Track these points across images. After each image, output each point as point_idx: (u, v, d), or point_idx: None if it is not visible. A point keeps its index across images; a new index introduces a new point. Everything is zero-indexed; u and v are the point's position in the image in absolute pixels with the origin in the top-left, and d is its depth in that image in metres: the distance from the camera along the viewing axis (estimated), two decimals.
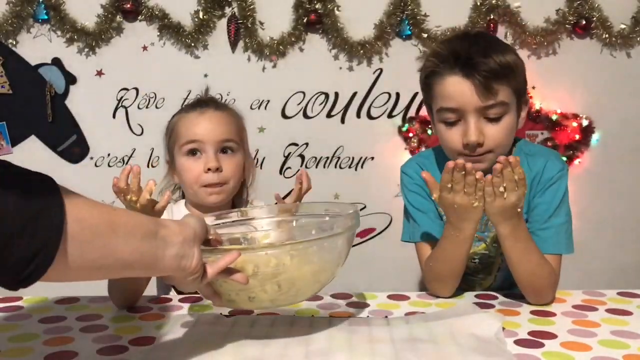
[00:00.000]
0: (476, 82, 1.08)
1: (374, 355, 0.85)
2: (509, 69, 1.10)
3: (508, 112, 1.12)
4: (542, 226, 1.16)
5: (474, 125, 1.11)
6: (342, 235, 0.89)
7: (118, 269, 0.71)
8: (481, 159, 1.13)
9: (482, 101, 1.09)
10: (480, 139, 1.11)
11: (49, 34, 2.34)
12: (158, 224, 0.74)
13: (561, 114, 2.43)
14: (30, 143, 2.38)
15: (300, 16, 2.34)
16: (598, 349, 0.89)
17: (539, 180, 1.18)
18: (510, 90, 1.11)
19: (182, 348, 0.88)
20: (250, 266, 0.84)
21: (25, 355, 0.88)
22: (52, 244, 0.60)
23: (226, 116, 1.30)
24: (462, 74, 1.10)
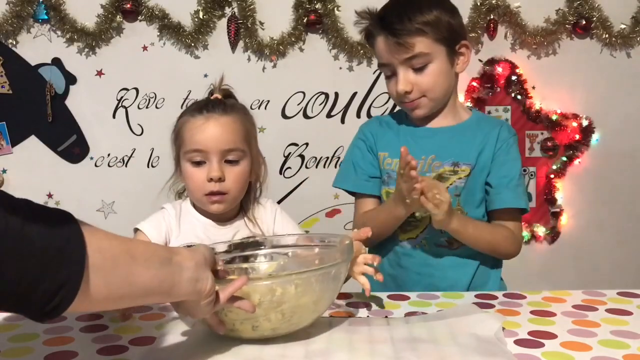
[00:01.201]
0: (392, 40, 1.24)
1: (374, 355, 0.85)
2: (423, 24, 1.23)
3: (432, 61, 1.26)
4: (515, 182, 1.30)
5: (401, 76, 1.27)
6: (342, 264, 0.93)
7: (139, 297, 0.73)
8: (416, 105, 1.29)
9: (401, 55, 1.25)
10: (408, 88, 1.27)
11: (49, 34, 2.34)
12: (171, 251, 0.77)
13: (561, 114, 2.43)
14: (30, 143, 2.38)
15: (300, 16, 2.34)
16: (598, 349, 0.89)
17: (497, 139, 1.31)
18: (430, 42, 1.24)
19: (182, 348, 0.88)
20: (257, 296, 0.87)
21: (25, 355, 0.88)
22: (75, 276, 0.62)
23: (232, 122, 1.27)
24: (383, 34, 1.27)
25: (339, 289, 0.97)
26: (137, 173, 2.41)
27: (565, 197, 2.49)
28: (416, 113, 1.31)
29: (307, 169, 2.46)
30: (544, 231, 2.49)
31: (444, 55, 1.27)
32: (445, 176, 1.29)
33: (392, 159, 1.33)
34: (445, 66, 1.28)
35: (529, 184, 2.48)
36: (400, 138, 1.35)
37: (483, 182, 1.31)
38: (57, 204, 2.37)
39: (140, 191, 2.21)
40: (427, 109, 1.30)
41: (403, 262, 1.34)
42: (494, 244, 1.28)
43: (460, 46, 1.29)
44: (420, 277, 1.31)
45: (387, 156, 1.35)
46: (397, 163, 1.28)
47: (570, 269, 2.50)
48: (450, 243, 1.31)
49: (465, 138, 1.31)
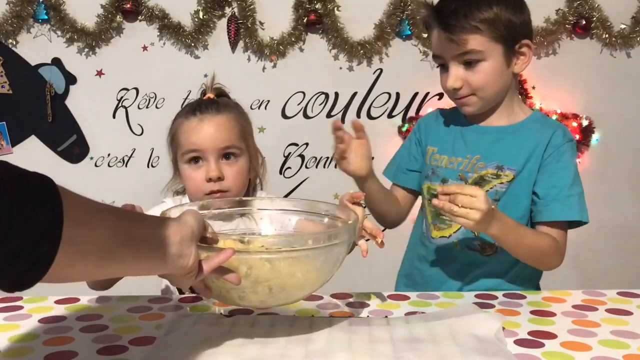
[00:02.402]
0: (445, 35, 1.22)
1: (374, 355, 0.85)
2: (480, 22, 1.20)
3: (485, 59, 1.22)
4: (565, 193, 1.24)
5: (452, 72, 1.24)
6: (339, 245, 0.89)
7: (119, 270, 0.71)
8: (465, 102, 1.26)
9: (454, 50, 1.22)
10: (457, 84, 1.24)
11: (49, 34, 2.34)
12: (158, 224, 0.75)
13: (561, 114, 2.43)
14: (30, 143, 2.38)
15: (300, 16, 2.34)
16: (598, 349, 0.89)
17: (547, 144, 1.24)
18: (485, 40, 1.21)
19: (182, 348, 0.88)
20: (244, 268, 0.84)
21: (25, 355, 0.88)
22: (50, 249, 0.59)
23: (227, 120, 1.27)
24: (438, 27, 1.24)
25: (336, 269, 0.93)
26: (137, 173, 2.41)
27: None
28: (465, 110, 1.28)
29: (307, 169, 2.46)
30: None
31: (499, 54, 1.22)
32: (487, 179, 1.26)
33: (441, 155, 1.32)
34: (500, 65, 1.23)
35: None
36: (450, 135, 1.34)
37: (529, 190, 1.25)
38: None
39: (140, 191, 2.21)
40: (477, 107, 1.27)
41: (433, 259, 1.33)
42: (537, 253, 1.21)
43: (521, 45, 1.24)
44: (447, 277, 1.30)
45: (435, 152, 1.34)
46: (445, 160, 1.31)
47: (570, 269, 2.50)
48: (483, 248, 1.28)
49: (515, 141, 1.26)
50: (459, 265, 1.30)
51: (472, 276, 1.29)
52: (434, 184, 1.31)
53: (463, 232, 1.28)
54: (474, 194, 1.07)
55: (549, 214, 1.23)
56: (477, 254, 1.28)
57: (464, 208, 1.07)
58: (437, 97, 2.42)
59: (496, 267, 1.28)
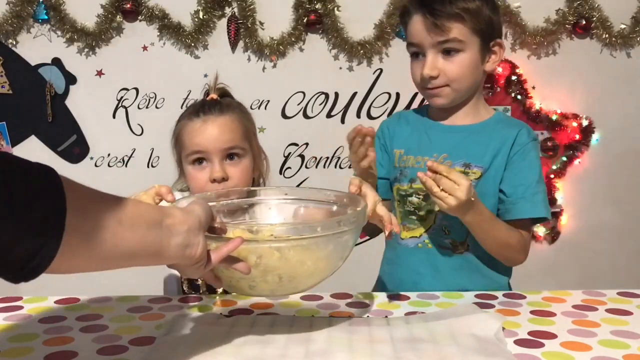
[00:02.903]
0: (430, 21, 1.22)
1: (374, 355, 0.85)
2: (464, 11, 1.21)
3: (464, 50, 1.23)
4: (532, 191, 1.24)
5: (429, 60, 1.23)
6: (348, 232, 0.88)
7: (124, 260, 0.70)
8: (438, 93, 1.26)
9: (435, 37, 1.22)
10: (434, 72, 1.23)
11: (49, 34, 2.34)
12: (163, 213, 0.74)
13: (561, 114, 2.43)
14: (30, 143, 2.38)
15: (300, 16, 2.34)
16: (598, 349, 0.89)
17: (513, 143, 1.26)
18: (467, 30, 1.22)
19: (182, 348, 0.88)
20: (254, 257, 0.84)
21: (25, 355, 0.88)
22: (55, 238, 0.59)
23: (230, 121, 1.27)
24: (421, 13, 1.23)
25: (347, 256, 0.93)
26: (137, 173, 2.41)
27: (565, 197, 2.49)
28: (436, 101, 1.28)
29: (307, 169, 2.46)
30: (544, 231, 2.49)
31: (477, 47, 1.24)
32: None
33: (408, 156, 1.32)
34: (475, 59, 1.24)
35: None
36: (415, 135, 1.33)
37: (495, 187, 1.26)
38: None
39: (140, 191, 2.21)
40: (449, 99, 1.26)
41: (403, 261, 1.33)
42: (505, 247, 1.24)
43: (495, 44, 1.26)
44: (420, 277, 1.30)
45: (402, 153, 1.33)
46: (412, 160, 1.31)
47: (570, 269, 2.50)
48: (454, 247, 1.28)
49: (480, 139, 1.27)
50: (430, 265, 1.29)
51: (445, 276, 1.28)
52: (403, 185, 1.31)
53: (434, 231, 1.28)
54: (458, 182, 1.11)
55: (517, 212, 1.24)
56: (449, 251, 1.28)
57: (444, 192, 1.12)
58: None
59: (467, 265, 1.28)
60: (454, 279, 1.27)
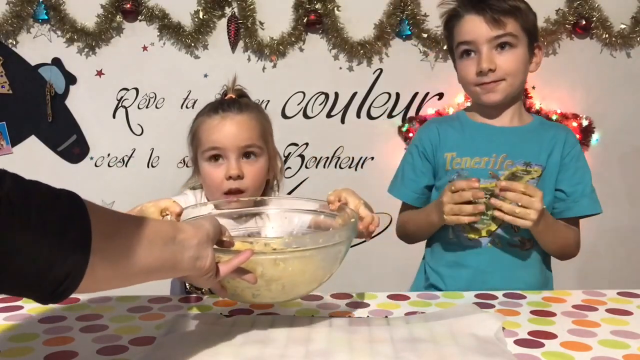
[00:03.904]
0: (487, 16, 1.26)
1: (374, 355, 0.85)
2: (516, 9, 1.27)
3: (517, 46, 1.28)
4: (590, 189, 1.33)
5: (486, 54, 1.27)
6: (344, 242, 0.95)
7: (143, 276, 0.75)
8: (494, 88, 1.28)
9: (493, 31, 1.26)
10: (492, 65, 1.26)
11: (49, 34, 2.34)
12: (176, 229, 0.78)
13: (561, 114, 2.43)
14: (30, 143, 2.38)
15: (300, 16, 2.34)
16: (598, 349, 0.89)
17: (564, 144, 1.32)
18: (518, 27, 1.27)
19: (182, 348, 0.88)
20: (259, 268, 0.88)
21: (25, 355, 0.88)
22: (82, 262, 0.63)
23: (248, 120, 1.27)
24: (475, 12, 1.27)
25: (338, 265, 0.98)
26: (137, 173, 2.41)
27: None
28: (490, 97, 1.29)
29: (307, 169, 2.46)
30: None
31: (525, 45, 1.29)
32: (518, 175, 1.29)
33: (463, 158, 1.32)
34: (525, 57, 1.29)
35: None
36: (466, 136, 1.34)
37: (552, 185, 1.31)
38: None
39: (140, 191, 2.21)
40: (504, 94, 1.29)
41: (470, 262, 1.32)
42: (565, 246, 1.31)
43: (536, 46, 1.32)
44: (489, 276, 1.29)
45: (454, 156, 1.33)
46: (469, 161, 1.31)
47: (570, 269, 2.49)
48: (522, 243, 1.30)
49: (533, 139, 1.31)
50: (499, 263, 1.30)
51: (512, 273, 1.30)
52: None
53: (503, 230, 1.29)
54: (533, 193, 1.15)
55: (579, 210, 1.31)
56: (517, 249, 1.31)
57: (523, 208, 1.15)
58: (436, 97, 2.42)
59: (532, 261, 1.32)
60: (520, 275, 1.30)
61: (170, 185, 1.44)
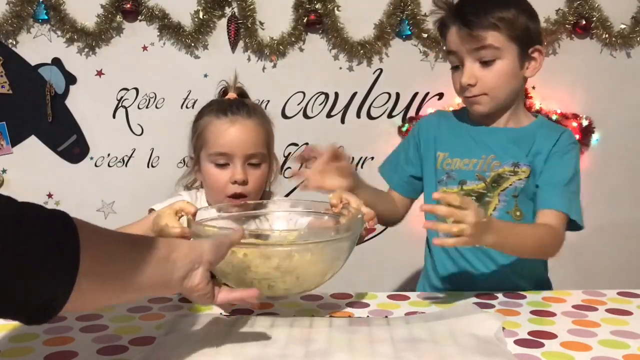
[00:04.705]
0: (465, 31, 1.24)
1: (374, 355, 0.85)
2: (499, 20, 1.23)
3: (501, 58, 1.24)
4: (563, 186, 1.25)
5: (467, 68, 1.26)
6: (352, 237, 1.01)
7: (133, 295, 0.76)
8: (477, 101, 1.28)
9: (472, 44, 1.24)
10: (472, 81, 1.25)
11: (49, 34, 2.34)
12: (170, 248, 0.78)
13: (561, 114, 2.43)
14: (30, 143, 2.38)
15: (300, 16, 2.34)
16: (598, 349, 0.89)
17: (554, 144, 1.28)
18: (503, 38, 1.23)
19: (182, 348, 0.88)
20: (275, 260, 0.93)
21: (25, 355, 0.88)
22: (66, 288, 0.63)
23: (256, 125, 1.30)
24: (457, 24, 1.26)
25: (346, 259, 1.03)
26: (137, 173, 2.41)
27: None
28: (476, 109, 1.30)
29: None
30: None
31: (514, 54, 1.25)
32: (505, 176, 1.28)
33: (453, 159, 1.33)
34: (513, 66, 1.26)
35: None
36: (459, 137, 1.35)
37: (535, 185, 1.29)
38: (57, 204, 2.37)
39: (140, 191, 2.21)
40: (488, 107, 1.28)
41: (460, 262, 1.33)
42: (538, 247, 1.20)
43: (534, 50, 1.27)
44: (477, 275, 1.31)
45: (447, 156, 1.34)
46: (459, 162, 1.32)
47: (570, 269, 2.49)
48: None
49: (525, 140, 1.30)
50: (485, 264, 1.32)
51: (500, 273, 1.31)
52: (452, 187, 1.32)
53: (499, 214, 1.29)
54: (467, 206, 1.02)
55: (542, 203, 1.24)
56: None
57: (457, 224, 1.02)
58: (437, 97, 2.42)
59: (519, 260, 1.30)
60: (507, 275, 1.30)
61: (170, 185, 1.44)
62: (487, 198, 1.30)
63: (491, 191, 1.30)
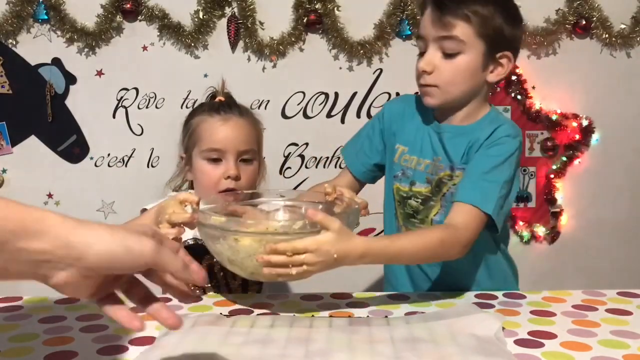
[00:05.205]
0: (437, 15, 1.18)
1: (374, 355, 0.85)
2: (473, 13, 1.17)
3: (465, 52, 1.19)
4: (474, 178, 1.18)
5: (428, 55, 1.22)
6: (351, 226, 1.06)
7: None
8: (428, 92, 1.24)
9: (438, 31, 1.19)
10: (428, 68, 1.21)
11: (49, 34, 2.34)
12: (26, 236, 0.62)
13: (561, 114, 2.43)
14: (30, 143, 2.38)
15: (300, 16, 2.34)
16: (598, 349, 0.89)
17: (487, 138, 1.22)
18: (471, 32, 1.18)
19: (182, 348, 0.88)
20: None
21: (25, 355, 0.88)
22: None
23: (248, 124, 1.34)
24: (431, 8, 1.21)
25: None
26: (137, 173, 2.41)
27: (565, 197, 2.49)
28: (426, 100, 1.25)
29: (307, 169, 2.46)
30: (544, 231, 2.48)
31: (479, 52, 1.19)
32: (444, 181, 1.27)
33: (411, 156, 1.31)
34: (475, 64, 1.20)
35: (528, 184, 2.48)
36: (419, 133, 1.32)
37: None
38: (57, 204, 2.37)
39: (140, 191, 2.21)
40: (438, 100, 1.24)
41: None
42: (427, 256, 1.15)
43: (502, 55, 1.22)
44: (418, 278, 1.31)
45: (406, 151, 1.32)
46: (415, 161, 1.30)
47: (570, 269, 2.50)
48: None
49: (463, 141, 1.25)
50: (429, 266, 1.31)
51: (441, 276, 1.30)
52: (404, 186, 1.32)
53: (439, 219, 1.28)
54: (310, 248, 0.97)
55: (455, 194, 1.19)
56: None
57: (300, 267, 0.98)
58: None
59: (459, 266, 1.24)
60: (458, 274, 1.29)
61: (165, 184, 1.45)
62: (432, 202, 1.29)
63: (435, 195, 1.28)
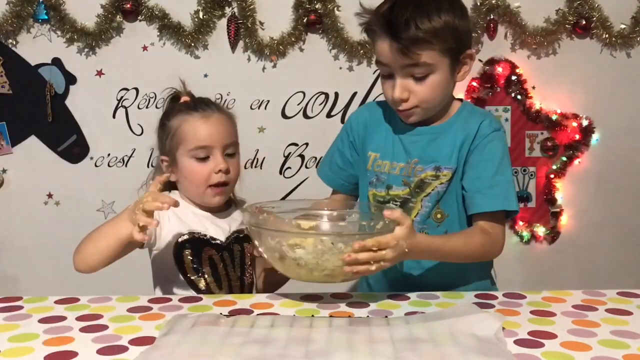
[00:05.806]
0: (396, 46, 1.17)
1: (374, 355, 0.85)
2: (431, 34, 1.16)
3: (434, 72, 1.20)
4: (488, 184, 1.23)
5: (399, 83, 1.21)
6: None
7: None
8: (410, 114, 1.25)
9: (404, 61, 1.18)
10: (404, 96, 1.22)
11: (49, 34, 2.34)
12: None
13: (561, 114, 2.43)
14: (30, 143, 2.38)
15: (300, 16, 2.34)
16: (598, 349, 0.89)
17: (474, 137, 1.25)
18: (436, 53, 1.18)
19: (182, 348, 0.88)
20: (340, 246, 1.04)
21: (25, 355, 0.88)
22: None
23: (227, 118, 1.36)
24: (387, 36, 1.18)
25: None
26: (137, 173, 2.40)
27: (565, 197, 2.49)
28: (410, 120, 1.28)
29: (307, 169, 2.46)
30: (544, 231, 2.49)
31: (446, 66, 1.22)
32: (427, 181, 1.27)
33: (383, 161, 1.32)
34: (446, 77, 1.23)
35: (528, 184, 2.48)
36: (389, 139, 1.33)
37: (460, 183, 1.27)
38: (57, 204, 2.37)
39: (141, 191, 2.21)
40: (421, 116, 1.27)
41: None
42: (470, 257, 1.22)
43: (465, 56, 1.24)
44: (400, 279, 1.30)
45: (378, 157, 1.33)
46: (388, 165, 1.31)
47: (570, 269, 2.50)
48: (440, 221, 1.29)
49: (448, 138, 1.27)
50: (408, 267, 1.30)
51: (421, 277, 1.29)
52: (380, 191, 1.32)
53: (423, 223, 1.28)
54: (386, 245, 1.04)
55: (474, 207, 1.24)
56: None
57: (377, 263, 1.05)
58: None
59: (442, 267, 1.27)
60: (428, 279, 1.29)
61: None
62: (411, 204, 1.29)
63: (415, 197, 1.28)
